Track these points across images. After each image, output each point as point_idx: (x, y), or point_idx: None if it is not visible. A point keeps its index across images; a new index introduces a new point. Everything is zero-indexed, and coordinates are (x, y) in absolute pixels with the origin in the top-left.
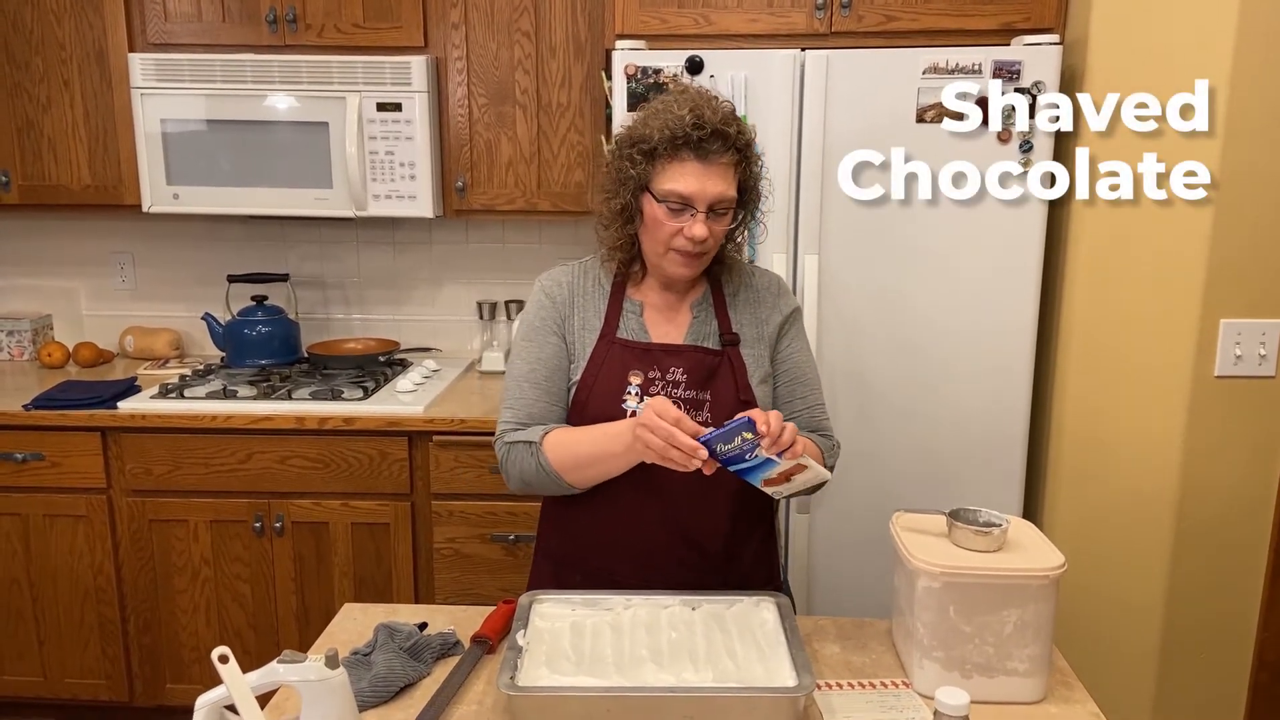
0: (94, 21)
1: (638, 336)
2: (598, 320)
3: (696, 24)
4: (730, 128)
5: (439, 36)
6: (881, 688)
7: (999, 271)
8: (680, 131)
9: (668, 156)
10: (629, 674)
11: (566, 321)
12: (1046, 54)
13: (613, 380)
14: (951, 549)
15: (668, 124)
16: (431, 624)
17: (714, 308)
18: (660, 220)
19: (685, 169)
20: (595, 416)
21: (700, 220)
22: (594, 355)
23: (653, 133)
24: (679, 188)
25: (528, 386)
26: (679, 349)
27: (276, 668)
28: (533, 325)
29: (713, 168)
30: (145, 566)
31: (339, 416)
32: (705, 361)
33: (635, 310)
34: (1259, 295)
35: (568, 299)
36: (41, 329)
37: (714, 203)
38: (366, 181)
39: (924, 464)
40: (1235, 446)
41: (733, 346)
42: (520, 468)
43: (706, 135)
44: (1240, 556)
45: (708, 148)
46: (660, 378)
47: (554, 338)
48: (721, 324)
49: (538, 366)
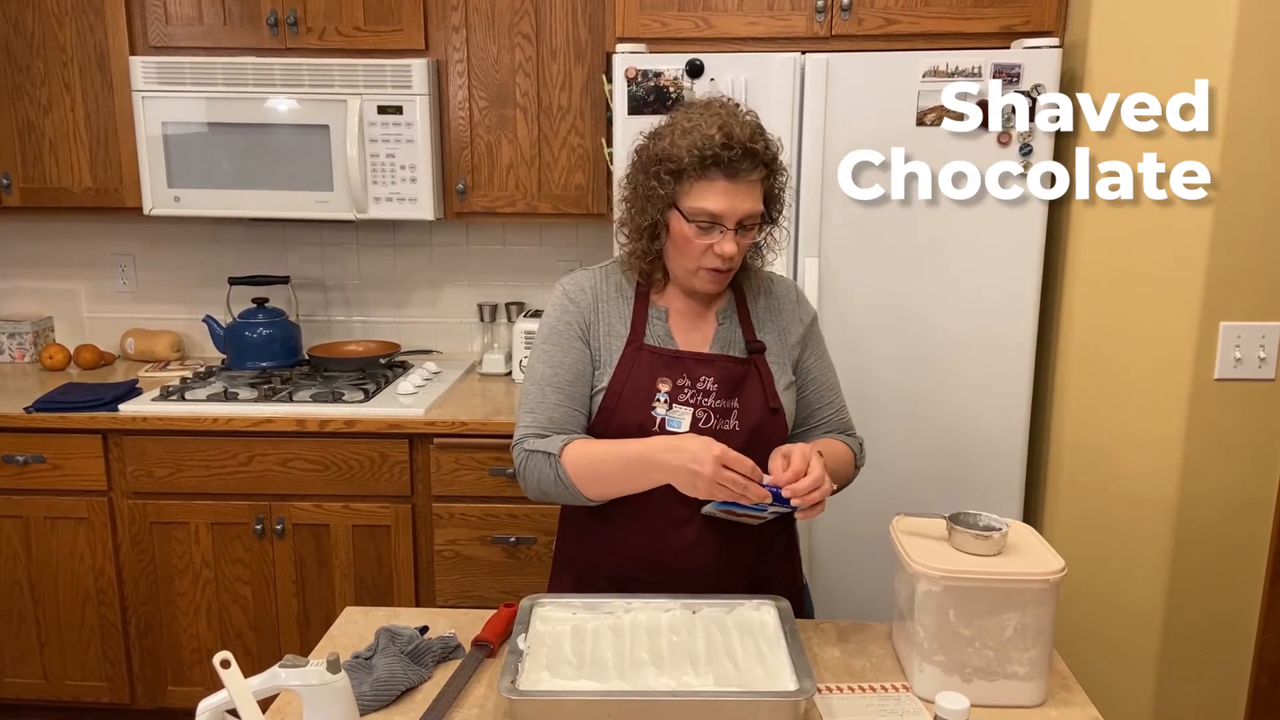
0: (95, 24)
1: (664, 343)
2: (623, 326)
3: (697, 27)
4: (758, 145)
5: (440, 39)
6: (881, 691)
7: (999, 274)
8: (710, 151)
9: (697, 175)
10: (630, 678)
11: (591, 327)
12: (1046, 56)
13: (641, 387)
14: (951, 553)
15: (696, 144)
16: (432, 627)
17: (738, 316)
18: (689, 238)
19: (714, 188)
20: (623, 423)
21: (730, 238)
22: (621, 361)
23: (682, 153)
24: (709, 206)
25: (550, 391)
26: (710, 358)
27: (278, 672)
28: (555, 329)
29: (742, 185)
30: (146, 569)
31: (340, 419)
32: (734, 371)
33: (660, 317)
34: (1259, 298)
35: (591, 304)
36: (43, 331)
37: (743, 219)
38: (367, 184)
39: (924, 467)
40: (1235, 450)
41: (759, 354)
42: (539, 477)
43: (737, 155)
44: (1240, 559)
45: (738, 167)
46: (690, 385)
47: (578, 342)
48: (746, 333)
49: (560, 371)
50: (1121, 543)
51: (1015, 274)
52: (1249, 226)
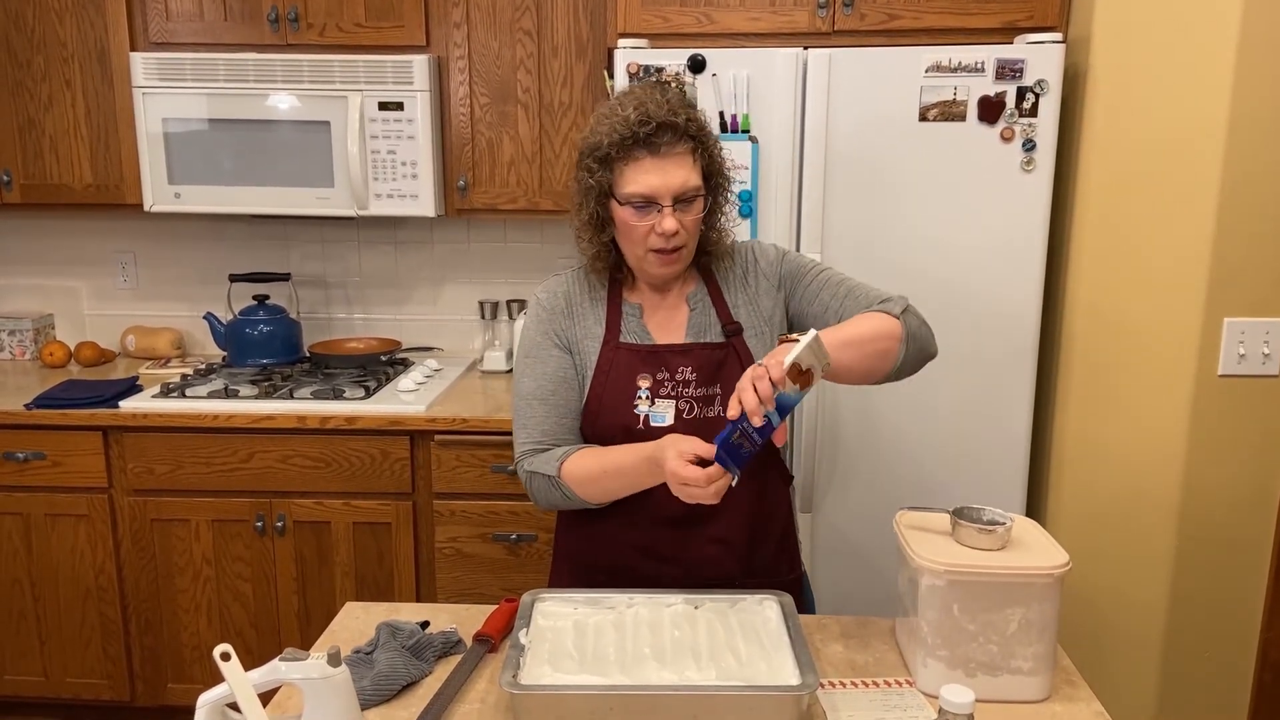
0: (95, 20)
1: (640, 339)
2: (599, 326)
3: (699, 22)
4: (678, 117)
5: (441, 35)
6: (885, 687)
7: (1002, 269)
8: (628, 131)
9: (623, 159)
10: (632, 672)
11: (568, 331)
12: (1049, 52)
13: (622, 386)
14: (955, 547)
15: (614, 127)
16: (433, 622)
17: (710, 298)
18: (630, 223)
19: (642, 167)
20: (608, 424)
21: (669, 214)
22: (600, 362)
23: (601, 138)
24: (639, 188)
25: (537, 404)
26: (685, 348)
27: (279, 666)
28: (534, 341)
29: (669, 159)
30: (147, 566)
31: (341, 416)
32: (712, 357)
33: (635, 313)
34: (1262, 294)
35: (565, 309)
36: (43, 328)
37: (679, 194)
38: (368, 181)
39: (927, 462)
40: (1239, 445)
41: (736, 336)
42: (546, 497)
43: (654, 129)
44: (1244, 555)
45: (658, 141)
46: (670, 378)
47: (555, 350)
48: (721, 314)
49: (544, 382)
50: (1125, 537)
51: (1018, 269)
52: (1253, 222)
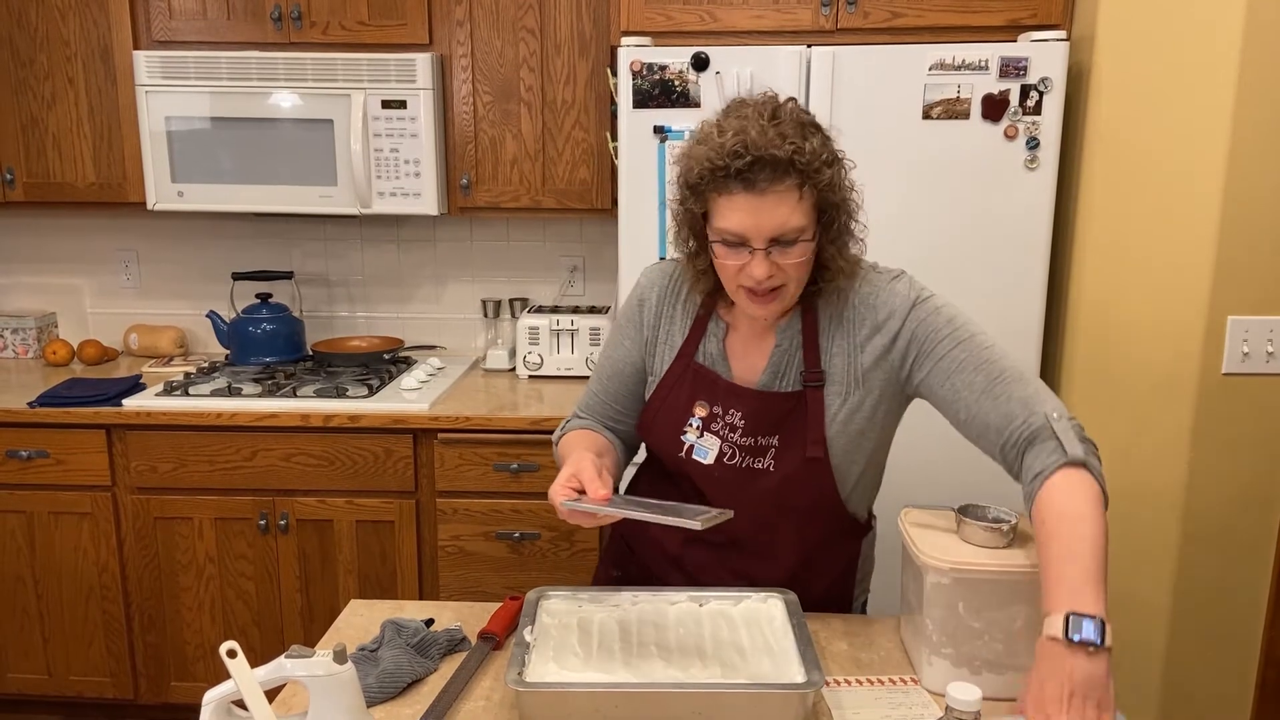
0: (98, 19)
1: (715, 363)
2: (680, 336)
3: (702, 20)
4: (780, 150)
5: (444, 34)
6: (890, 684)
7: (1006, 267)
8: (721, 162)
9: (714, 190)
10: (637, 670)
11: (650, 328)
12: (1053, 50)
13: (678, 407)
14: (960, 545)
15: (709, 154)
16: (438, 620)
17: (802, 336)
18: (721, 260)
19: (734, 203)
20: (656, 442)
21: (760, 259)
22: (667, 376)
23: (694, 164)
24: (730, 225)
25: (594, 380)
26: (742, 391)
27: (284, 663)
28: (621, 321)
29: (766, 197)
30: (150, 564)
31: (344, 414)
32: (774, 407)
33: (719, 333)
34: (1267, 292)
35: (656, 307)
36: (46, 327)
37: (775, 236)
38: (371, 179)
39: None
40: (1242, 444)
41: (815, 388)
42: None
43: (747, 165)
44: (1248, 554)
45: (754, 177)
46: (722, 415)
47: (628, 341)
48: (808, 357)
49: (605, 363)
50: (1129, 536)
51: (1022, 267)
52: (1257, 220)
